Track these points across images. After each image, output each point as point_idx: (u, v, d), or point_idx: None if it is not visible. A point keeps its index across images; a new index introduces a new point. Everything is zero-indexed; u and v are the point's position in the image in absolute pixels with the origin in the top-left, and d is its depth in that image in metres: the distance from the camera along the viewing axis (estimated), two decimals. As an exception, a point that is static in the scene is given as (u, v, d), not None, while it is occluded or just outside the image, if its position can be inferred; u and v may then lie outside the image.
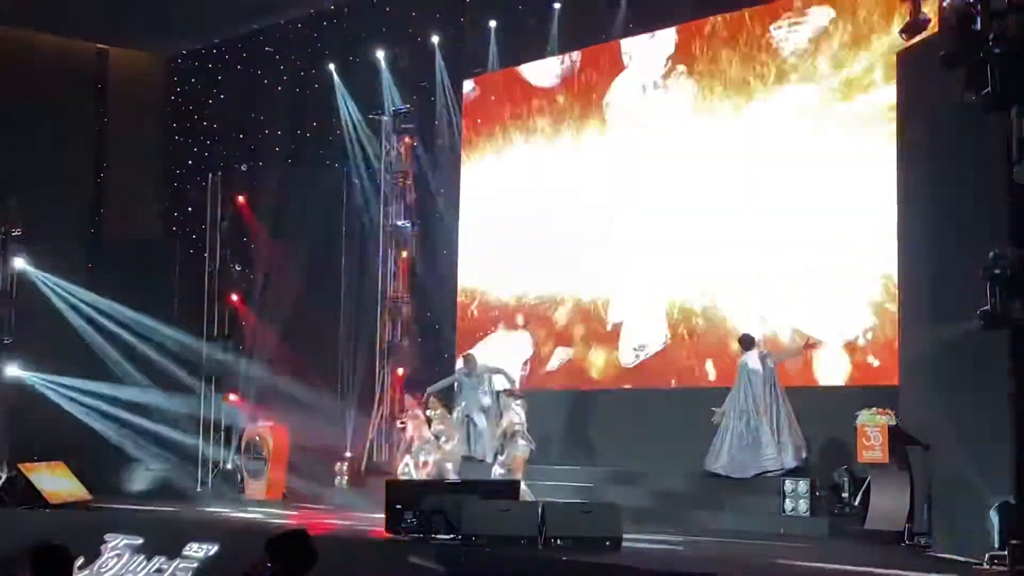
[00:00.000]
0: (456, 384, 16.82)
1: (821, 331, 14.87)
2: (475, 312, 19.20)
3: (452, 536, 11.57)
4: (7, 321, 17.91)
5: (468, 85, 19.60)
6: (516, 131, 18.84)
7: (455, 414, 15.99)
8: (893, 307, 13.76)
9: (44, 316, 18.83)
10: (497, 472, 14.25)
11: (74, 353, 19.12)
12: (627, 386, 17.11)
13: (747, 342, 14.60)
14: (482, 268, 19.22)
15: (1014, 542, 9.64)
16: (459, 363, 17.30)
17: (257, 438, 18.21)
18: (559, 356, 17.91)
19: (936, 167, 11.46)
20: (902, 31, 12.18)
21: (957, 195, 10.87)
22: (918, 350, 12.03)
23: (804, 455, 14.00)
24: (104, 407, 19.01)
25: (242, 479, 18.54)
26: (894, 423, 12.05)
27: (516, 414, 14.20)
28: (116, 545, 13.44)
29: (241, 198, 20.03)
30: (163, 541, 13.16)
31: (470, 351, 17.65)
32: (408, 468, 15.18)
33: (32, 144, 18.91)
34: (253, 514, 15.40)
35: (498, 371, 16.63)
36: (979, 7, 10.17)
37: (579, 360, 17.66)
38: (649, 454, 15.69)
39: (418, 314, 19.42)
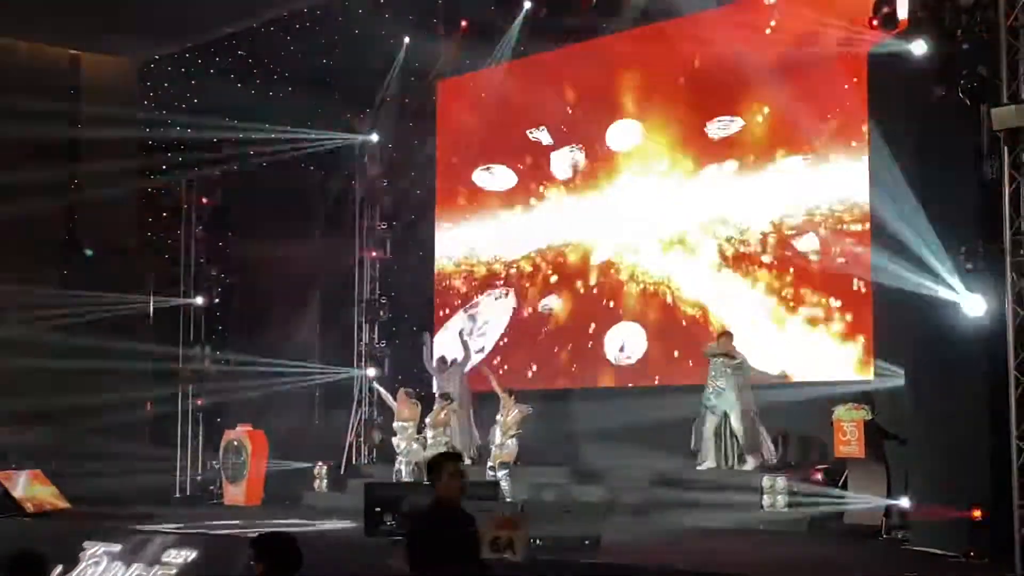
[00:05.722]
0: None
1: (796, 330, 14.96)
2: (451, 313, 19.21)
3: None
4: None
5: (442, 86, 19.58)
6: (491, 132, 18.83)
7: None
8: (868, 303, 13.85)
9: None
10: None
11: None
12: (607, 385, 17.12)
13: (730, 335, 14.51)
14: (459, 269, 19.22)
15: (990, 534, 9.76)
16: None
17: (235, 443, 18.13)
18: (540, 356, 17.90)
19: (906, 165, 11.51)
20: (872, 19, 12.06)
21: (928, 192, 10.93)
22: (893, 345, 12.10)
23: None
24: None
25: (221, 484, 18.47)
26: (870, 418, 12.13)
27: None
28: (95, 552, 13.32)
29: (215, 203, 19.97)
30: (142, 548, 13.08)
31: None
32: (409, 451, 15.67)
33: (6, 150, 18.78)
34: (232, 519, 15.35)
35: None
36: (948, 3, 10.26)
37: (560, 359, 17.68)
38: (627, 452, 15.68)
39: (395, 316, 19.41)
